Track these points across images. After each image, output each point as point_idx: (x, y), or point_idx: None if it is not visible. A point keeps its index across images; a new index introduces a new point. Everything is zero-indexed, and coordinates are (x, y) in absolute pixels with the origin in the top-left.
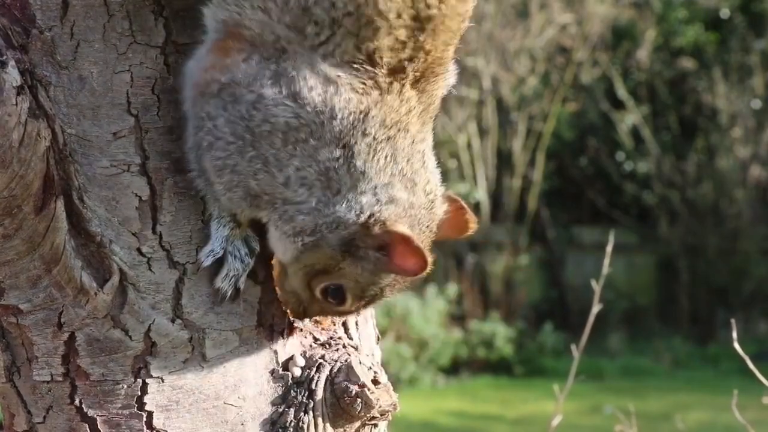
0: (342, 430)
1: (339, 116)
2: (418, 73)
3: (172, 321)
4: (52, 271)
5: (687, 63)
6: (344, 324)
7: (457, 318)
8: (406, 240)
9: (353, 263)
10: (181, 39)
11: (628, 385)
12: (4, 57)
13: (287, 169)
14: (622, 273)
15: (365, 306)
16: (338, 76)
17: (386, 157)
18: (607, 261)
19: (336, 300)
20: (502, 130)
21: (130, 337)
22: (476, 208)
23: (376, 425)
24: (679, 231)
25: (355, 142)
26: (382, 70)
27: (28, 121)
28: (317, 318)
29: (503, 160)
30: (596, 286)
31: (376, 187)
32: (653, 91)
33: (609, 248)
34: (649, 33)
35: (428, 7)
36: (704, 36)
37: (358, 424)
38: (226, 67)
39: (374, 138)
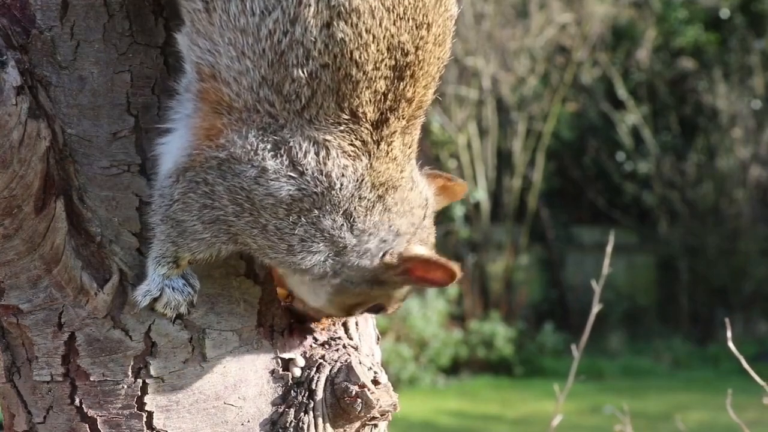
0: (342, 430)
1: (337, 186)
2: (403, 121)
3: (172, 321)
4: (53, 271)
5: (687, 63)
6: (344, 324)
7: (457, 318)
8: (425, 260)
9: (382, 288)
10: None
11: (628, 385)
12: (4, 57)
13: (290, 239)
14: (622, 273)
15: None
16: (327, 140)
17: (380, 212)
18: (607, 261)
19: (377, 311)
20: (502, 130)
21: (131, 337)
22: (476, 208)
23: (376, 425)
24: (679, 231)
25: (354, 208)
26: (368, 126)
27: (28, 121)
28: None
29: (503, 160)
30: (596, 287)
31: (379, 234)
32: (653, 91)
33: (609, 248)
34: (649, 33)
35: (405, 54)
36: (704, 36)
37: (358, 424)
38: (222, 145)
39: (368, 200)
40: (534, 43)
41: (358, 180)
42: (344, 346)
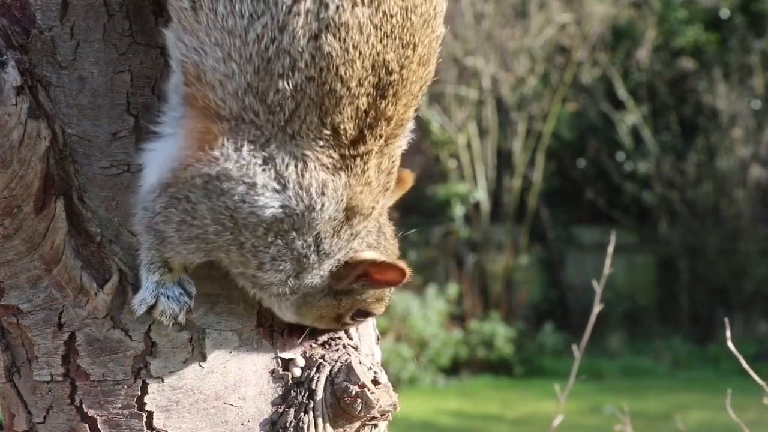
0: (342, 430)
1: (317, 207)
2: (380, 141)
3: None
4: (52, 271)
5: (687, 63)
6: None
7: (457, 318)
8: (374, 263)
9: (350, 297)
10: None
11: (628, 385)
12: (4, 57)
13: (263, 257)
14: (622, 273)
15: (389, 300)
16: (306, 155)
17: (347, 236)
18: (608, 261)
19: (365, 316)
20: (502, 130)
21: (130, 337)
22: (476, 208)
23: (376, 425)
24: (679, 231)
25: (324, 229)
26: (347, 143)
27: (28, 121)
28: None
29: (503, 160)
30: (597, 286)
31: (336, 256)
32: (653, 91)
33: (610, 248)
34: (649, 33)
35: (389, 73)
36: (704, 36)
37: (358, 424)
38: (214, 159)
39: (338, 221)
40: (534, 43)
41: (338, 201)
42: (344, 346)
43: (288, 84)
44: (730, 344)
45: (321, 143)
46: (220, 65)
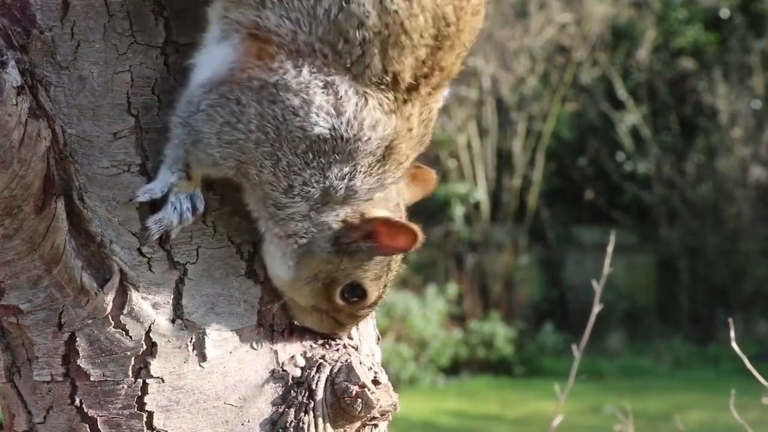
0: (342, 430)
1: (365, 138)
2: (429, 89)
3: (173, 321)
4: (53, 272)
5: (687, 63)
6: None
7: (457, 318)
8: (387, 222)
9: (351, 259)
10: (182, 39)
11: (628, 385)
12: (5, 57)
13: (294, 179)
14: (622, 273)
15: (385, 288)
16: (368, 93)
17: (376, 179)
18: (608, 261)
19: (358, 296)
20: (502, 130)
21: (131, 337)
22: (476, 208)
23: (376, 425)
24: (679, 231)
25: (362, 163)
26: (403, 89)
27: (28, 122)
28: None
29: (503, 160)
30: (597, 286)
31: (358, 200)
32: (653, 91)
33: (610, 248)
34: (648, 33)
35: (447, 25)
36: (704, 36)
37: (358, 424)
38: (274, 69)
39: (376, 158)
40: (534, 43)
41: (383, 139)
42: (344, 346)
43: (356, 37)
44: (734, 344)
45: (381, 87)
46: (285, 23)
